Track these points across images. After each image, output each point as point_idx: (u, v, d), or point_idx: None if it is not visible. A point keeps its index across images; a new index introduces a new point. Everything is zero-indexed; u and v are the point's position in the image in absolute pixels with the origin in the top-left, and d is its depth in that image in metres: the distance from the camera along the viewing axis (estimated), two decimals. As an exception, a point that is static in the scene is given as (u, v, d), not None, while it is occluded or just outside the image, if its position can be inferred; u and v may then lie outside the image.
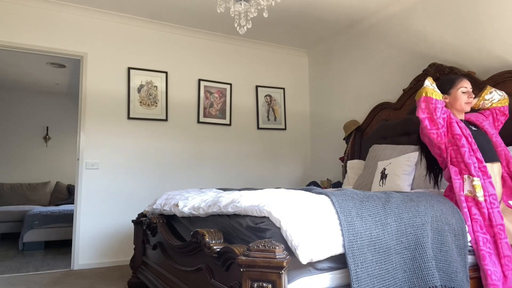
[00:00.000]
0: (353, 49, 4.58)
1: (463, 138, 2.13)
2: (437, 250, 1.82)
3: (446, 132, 2.18)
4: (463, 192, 2.07)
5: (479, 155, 2.12)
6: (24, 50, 3.86)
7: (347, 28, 4.60)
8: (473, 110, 2.47)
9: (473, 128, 2.29)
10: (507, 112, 2.47)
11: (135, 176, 4.19)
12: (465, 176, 2.09)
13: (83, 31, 4.08)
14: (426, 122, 2.15)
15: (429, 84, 2.21)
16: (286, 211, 1.57)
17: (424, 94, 2.17)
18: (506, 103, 2.46)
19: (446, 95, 2.34)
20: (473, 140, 2.15)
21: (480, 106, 2.48)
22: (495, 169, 2.20)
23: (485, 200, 2.02)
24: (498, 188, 2.20)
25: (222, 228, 1.88)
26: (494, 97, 2.46)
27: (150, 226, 2.74)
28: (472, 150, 2.12)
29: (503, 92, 2.50)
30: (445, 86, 2.35)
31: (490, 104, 2.47)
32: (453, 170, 2.14)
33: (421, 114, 2.16)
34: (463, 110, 2.35)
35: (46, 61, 5.43)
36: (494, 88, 2.50)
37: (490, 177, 2.08)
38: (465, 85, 2.33)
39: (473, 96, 2.37)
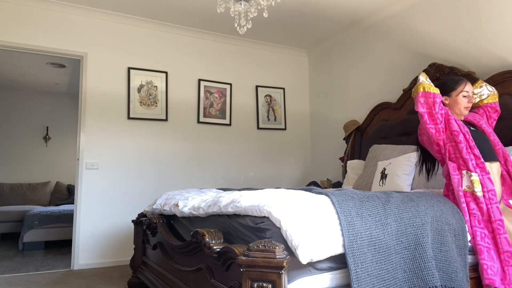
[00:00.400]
0: (353, 49, 4.58)
1: (461, 135, 2.14)
2: (437, 250, 1.82)
3: (444, 129, 2.18)
4: (462, 187, 2.08)
5: (477, 151, 2.12)
6: (24, 50, 3.86)
7: (347, 28, 4.60)
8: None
9: (472, 128, 2.29)
10: (498, 108, 2.48)
11: (135, 176, 4.19)
12: (464, 172, 2.10)
13: (83, 31, 4.07)
14: (426, 117, 2.16)
15: (425, 79, 2.21)
16: (286, 211, 1.57)
17: (421, 89, 2.18)
18: (496, 99, 2.47)
19: (446, 97, 2.33)
20: (471, 138, 2.16)
21: None
22: (494, 169, 2.20)
23: (484, 196, 2.03)
24: (498, 188, 2.20)
25: (222, 228, 1.88)
26: (483, 92, 2.46)
27: (150, 226, 2.74)
28: (470, 147, 2.13)
29: (494, 88, 2.51)
30: (447, 86, 2.34)
31: (478, 99, 2.46)
32: (451, 165, 2.14)
33: (421, 109, 2.16)
34: (462, 114, 2.35)
35: (46, 61, 5.43)
36: (485, 83, 2.50)
37: (488, 173, 2.09)
38: (467, 89, 2.32)
39: (473, 101, 2.37)
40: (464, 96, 2.31)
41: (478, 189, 2.04)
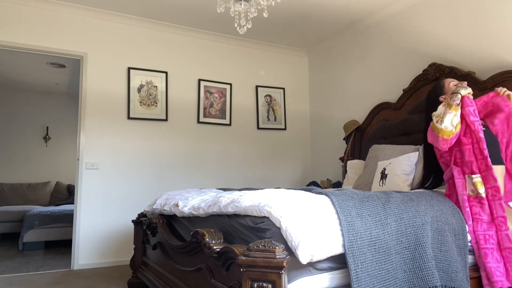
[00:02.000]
0: (353, 49, 4.58)
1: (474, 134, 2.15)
2: (437, 250, 1.82)
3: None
4: (466, 191, 2.09)
5: (486, 152, 2.12)
6: (24, 50, 3.85)
7: (347, 28, 4.60)
8: None
9: (483, 129, 2.28)
10: None
11: (135, 176, 4.19)
12: (467, 176, 2.10)
13: (83, 31, 4.07)
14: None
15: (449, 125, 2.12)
16: (286, 211, 1.57)
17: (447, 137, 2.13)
18: None
19: (443, 96, 2.39)
20: (483, 137, 2.14)
21: None
22: (498, 171, 2.21)
23: (487, 193, 2.04)
24: (501, 189, 2.20)
25: (222, 228, 1.88)
26: None
27: (150, 226, 2.74)
28: (480, 148, 2.12)
29: None
30: (438, 92, 2.45)
31: None
32: (456, 170, 2.15)
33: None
34: None
35: (46, 61, 5.43)
36: None
37: (491, 168, 2.08)
38: (450, 80, 2.45)
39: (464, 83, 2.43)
40: (455, 84, 2.42)
41: (481, 191, 2.05)
